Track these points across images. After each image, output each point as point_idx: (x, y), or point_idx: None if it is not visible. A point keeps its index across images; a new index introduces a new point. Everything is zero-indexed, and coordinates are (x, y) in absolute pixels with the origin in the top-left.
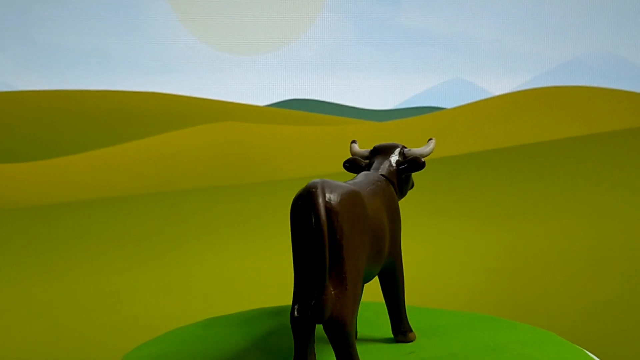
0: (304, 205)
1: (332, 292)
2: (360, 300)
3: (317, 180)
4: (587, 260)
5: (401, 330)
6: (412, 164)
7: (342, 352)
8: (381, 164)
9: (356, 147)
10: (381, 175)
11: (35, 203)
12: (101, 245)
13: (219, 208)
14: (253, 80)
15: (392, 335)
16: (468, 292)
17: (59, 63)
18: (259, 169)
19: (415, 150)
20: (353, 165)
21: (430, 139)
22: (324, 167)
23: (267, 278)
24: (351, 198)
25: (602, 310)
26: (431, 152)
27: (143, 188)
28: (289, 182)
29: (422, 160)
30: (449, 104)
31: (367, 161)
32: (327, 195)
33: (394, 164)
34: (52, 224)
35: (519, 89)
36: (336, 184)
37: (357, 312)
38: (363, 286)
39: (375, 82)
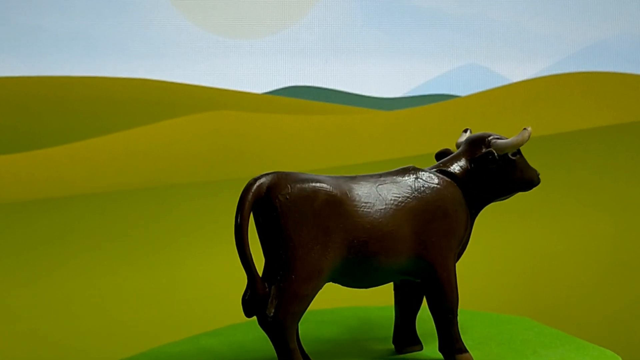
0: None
1: (266, 289)
2: (308, 299)
3: (265, 174)
4: (616, 258)
5: (450, 349)
6: (485, 157)
7: (278, 352)
8: (454, 158)
9: (464, 137)
10: (439, 170)
11: (14, 199)
12: (85, 245)
13: (213, 204)
14: (250, 66)
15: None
16: (485, 290)
17: (39, 47)
18: (257, 162)
19: (500, 141)
20: (443, 156)
21: (525, 129)
22: (327, 160)
23: None
24: (306, 193)
25: (633, 312)
26: (521, 143)
27: (130, 183)
28: None
29: (496, 154)
30: (463, 92)
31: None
32: (267, 190)
33: (468, 159)
34: (32, 222)
35: (539, 75)
36: (292, 178)
37: (301, 311)
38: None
39: (383, 68)
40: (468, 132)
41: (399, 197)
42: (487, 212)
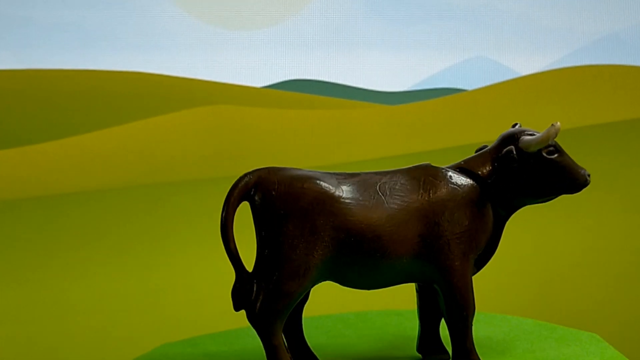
0: None
1: (252, 284)
2: (293, 296)
3: (256, 169)
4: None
5: None
6: (506, 156)
7: (264, 347)
8: (480, 155)
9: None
10: (459, 169)
11: (1, 197)
12: (76, 245)
13: (209, 203)
14: (249, 59)
15: None
16: (498, 292)
17: (28, 38)
18: (255, 159)
19: (526, 138)
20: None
21: (552, 125)
22: (328, 157)
23: None
24: (293, 190)
25: None
26: (545, 140)
27: (124, 180)
28: None
29: (514, 153)
30: (470, 85)
31: None
32: (254, 186)
33: (493, 157)
34: (20, 221)
35: (550, 68)
36: (281, 174)
37: (285, 308)
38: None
39: (387, 61)
40: (517, 126)
41: (403, 196)
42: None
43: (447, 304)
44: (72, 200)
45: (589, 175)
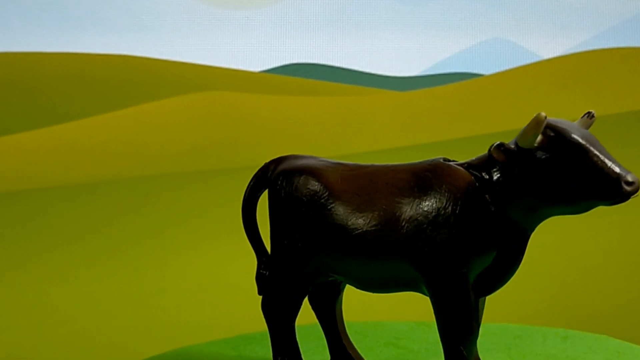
0: None
1: (265, 272)
2: (292, 290)
3: (279, 157)
4: None
5: None
6: (491, 156)
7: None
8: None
9: (579, 122)
10: (467, 167)
11: None
12: (59, 243)
13: (204, 197)
14: (246, 41)
15: None
16: (513, 296)
17: (5, 19)
18: (253, 150)
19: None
20: None
21: (536, 115)
22: (333, 147)
23: None
24: (295, 180)
25: None
26: (524, 135)
27: (111, 173)
28: None
29: (497, 149)
30: (487, 70)
31: None
32: (270, 173)
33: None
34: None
35: (573, 50)
36: (288, 162)
37: (286, 300)
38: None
39: (397, 43)
40: (587, 117)
41: (396, 194)
42: None
43: (437, 321)
44: (54, 194)
45: (628, 183)
